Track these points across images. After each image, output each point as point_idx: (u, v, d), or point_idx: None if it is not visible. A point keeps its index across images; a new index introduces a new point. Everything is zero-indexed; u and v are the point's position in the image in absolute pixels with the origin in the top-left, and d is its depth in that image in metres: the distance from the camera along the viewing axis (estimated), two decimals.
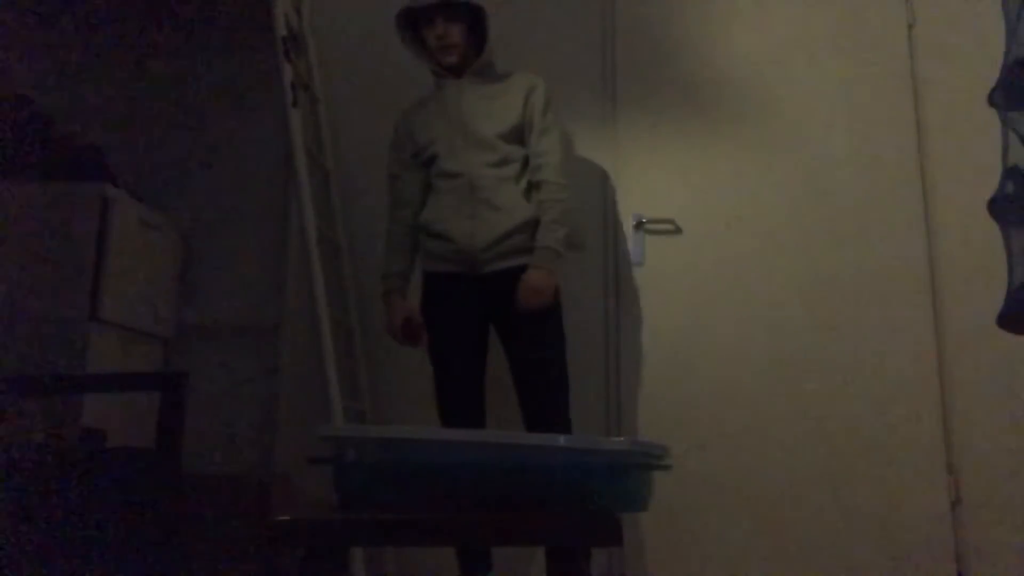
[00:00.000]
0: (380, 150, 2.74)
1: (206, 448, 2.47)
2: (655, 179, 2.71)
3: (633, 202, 2.70)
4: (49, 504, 1.43)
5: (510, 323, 2.17)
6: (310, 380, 2.50)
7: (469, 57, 2.26)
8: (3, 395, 1.91)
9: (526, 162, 2.24)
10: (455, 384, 2.19)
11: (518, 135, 2.24)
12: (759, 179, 2.69)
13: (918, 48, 2.76)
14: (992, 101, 1.63)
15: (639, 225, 2.66)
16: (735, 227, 2.66)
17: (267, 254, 2.75)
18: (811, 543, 2.44)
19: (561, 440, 1.14)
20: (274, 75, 2.39)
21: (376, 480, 1.16)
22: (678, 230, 2.68)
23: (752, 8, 2.82)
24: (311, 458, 1.23)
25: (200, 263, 2.75)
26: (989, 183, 1.67)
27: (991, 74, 1.65)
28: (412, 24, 2.29)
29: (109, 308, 2.23)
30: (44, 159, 2.34)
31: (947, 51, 2.74)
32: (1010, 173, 1.60)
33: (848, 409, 2.52)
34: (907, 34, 2.77)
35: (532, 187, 2.22)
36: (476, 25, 2.25)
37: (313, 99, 2.69)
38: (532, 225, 2.17)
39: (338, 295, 2.56)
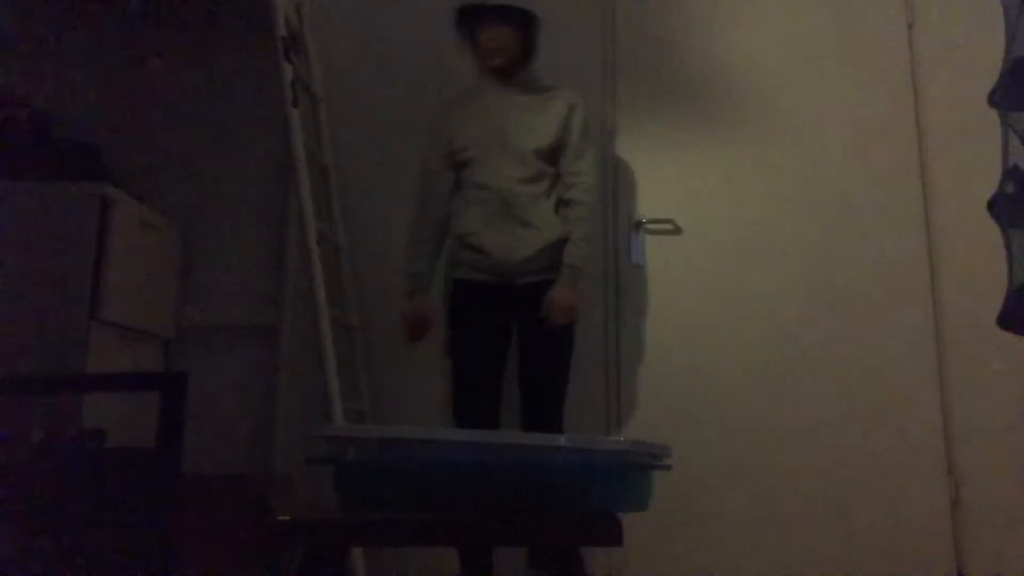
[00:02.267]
0: (380, 150, 2.75)
1: (206, 448, 2.47)
2: (655, 179, 2.71)
3: (633, 202, 2.70)
4: (49, 504, 1.43)
5: (532, 330, 2.22)
6: (310, 380, 2.50)
7: (515, 64, 2.30)
8: (3, 395, 1.91)
9: (555, 179, 2.27)
10: (474, 389, 2.22)
11: (552, 153, 2.28)
12: (759, 179, 2.69)
13: (918, 48, 2.76)
14: (992, 101, 1.63)
15: (639, 225, 2.66)
16: (735, 227, 2.66)
17: (267, 254, 2.75)
18: (811, 543, 2.44)
19: (561, 440, 1.14)
20: (274, 75, 2.39)
21: (376, 480, 1.16)
22: (678, 230, 2.68)
23: (752, 8, 2.82)
24: (311, 458, 1.23)
25: (200, 263, 2.74)
26: (989, 183, 1.67)
27: (991, 74, 1.65)
28: (468, 21, 2.33)
29: (109, 308, 2.23)
30: (44, 159, 2.34)
31: (947, 51, 2.74)
32: (1010, 173, 1.61)
33: (848, 409, 2.52)
34: (907, 34, 2.77)
35: (560, 203, 2.26)
36: (529, 35, 2.30)
37: (313, 99, 2.69)
38: (562, 243, 2.22)
39: (338, 295, 2.55)
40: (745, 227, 2.66)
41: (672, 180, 2.71)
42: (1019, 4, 1.60)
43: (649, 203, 2.69)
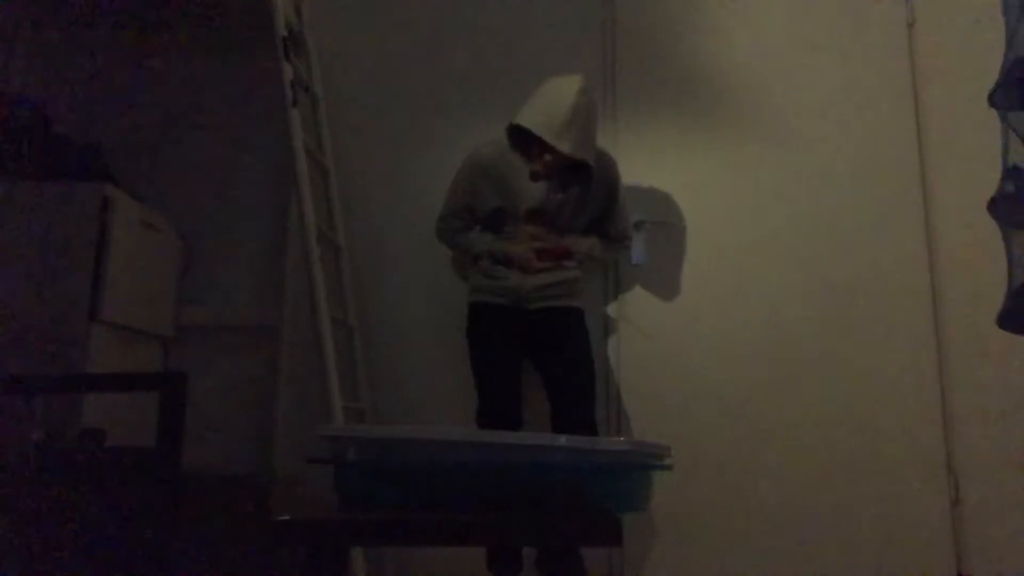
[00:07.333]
0: (380, 150, 2.75)
1: (206, 448, 2.47)
2: (655, 179, 2.71)
3: (633, 202, 2.69)
4: (49, 504, 1.43)
5: (550, 352, 2.28)
6: (310, 380, 2.50)
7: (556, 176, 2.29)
8: (3, 395, 1.91)
9: (587, 230, 2.38)
10: (495, 402, 2.25)
11: (590, 221, 2.37)
12: (759, 179, 2.69)
13: (918, 48, 2.75)
14: (992, 101, 1.63)
15: (639, 225, 2.66)
16: (735, 227, 2.66)
17: (267, 254, 2.75)
18: (811, 543, 2.44)
19: (561, 440, 1.14)
20: (274, 75, 2.39)
21: (376, 480, 1.16)
22: (678, 231, 2.67)
23: (752, 8, 2.82)
24: (311, 458, 1.23)
25: (200, 263, 2.74)
26: (989, 183, 1.67)
27: (991, 74, 1.65)
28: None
29: (109, 308, 2.23)
30: (44, 159, 2.34)
31: (947, 51, 2.73)
32: (1010, 173, 1.60)
33: (848, 409, 2.52)
34: (907, 34, 2.77)
35: (609, 245, 2.43)
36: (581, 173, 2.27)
37: (313, 99, 2.69)
38: (575, 279, 2.34)
39: (338, 295, 2.55)
40: (745, 227, 2.66)
41: (672, 180, 2.71)
42: (1019, 4, 1.60)
43: (649, 203, 2.69)
